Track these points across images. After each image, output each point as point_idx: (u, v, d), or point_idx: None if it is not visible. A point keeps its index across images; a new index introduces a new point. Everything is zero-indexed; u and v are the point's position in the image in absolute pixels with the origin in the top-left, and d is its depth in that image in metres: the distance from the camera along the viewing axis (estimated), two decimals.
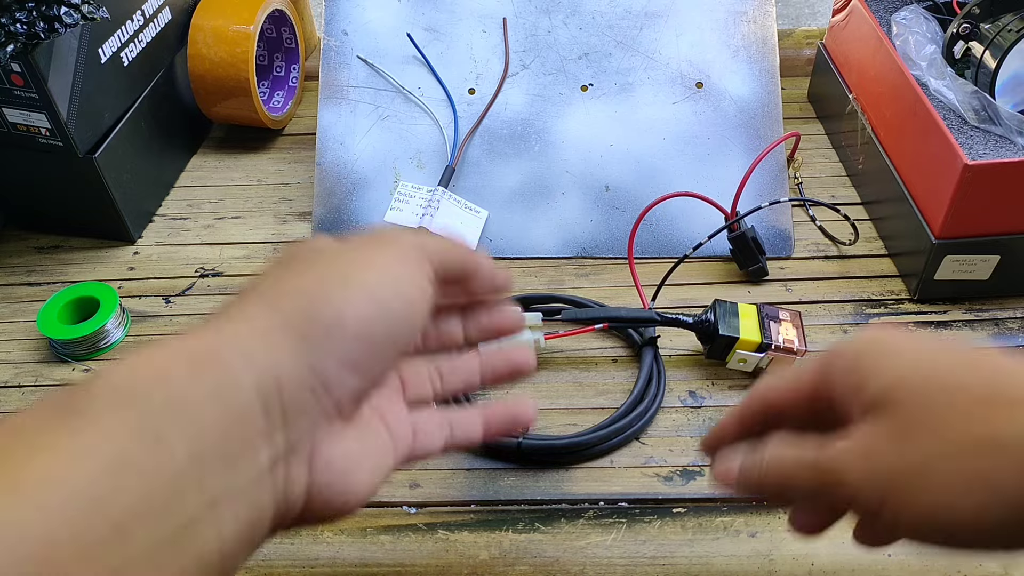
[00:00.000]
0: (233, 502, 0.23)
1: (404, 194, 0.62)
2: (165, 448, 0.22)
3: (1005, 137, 0.52)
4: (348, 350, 0.25)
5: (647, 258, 0.61)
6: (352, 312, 0.26)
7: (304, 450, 0.26)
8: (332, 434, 0.27)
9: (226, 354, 0.24)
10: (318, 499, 0.26)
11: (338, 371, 0.25)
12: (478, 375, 0.35)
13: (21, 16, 0.52)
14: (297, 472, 0.25)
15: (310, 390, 0.25)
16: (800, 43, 0.80)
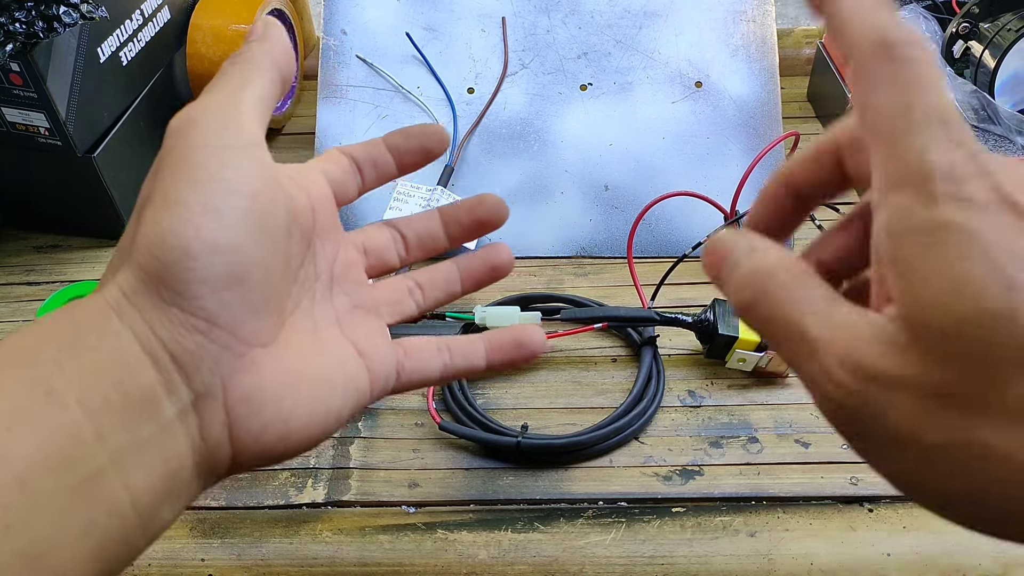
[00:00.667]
0: (140, 454, 0.22)
1: (403, 193, 0.62)
2: (56, 400, 0.22)
3: (1004, 136, 0.52)
4: (209, 274, 0.23)
5: (646, 257, 0.61)
6: (192, 232, 0.23)
7: (216, 392, 0.24)
8: (246, 366, 0.24)
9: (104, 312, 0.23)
10: (245, 437, 0.25)
11: (212, 299, 0.23)
12: (459, 282, 0.33)
13: (20, 15, 0.52)
14: (212, 416, 0.24)
15: (193, 330, 0.23)
16: (799, 42, 0.80)
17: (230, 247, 0.24)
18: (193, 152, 0.25)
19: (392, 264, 0.33)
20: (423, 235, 0.34)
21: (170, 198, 0.24)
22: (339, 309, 0.30)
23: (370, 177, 0.32)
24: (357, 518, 0.45)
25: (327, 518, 0.45)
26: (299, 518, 0.45)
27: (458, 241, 0.34)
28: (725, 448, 0.48)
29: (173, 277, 0.23)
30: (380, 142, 0.32)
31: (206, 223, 0.23)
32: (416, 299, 0.33)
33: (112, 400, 0.22)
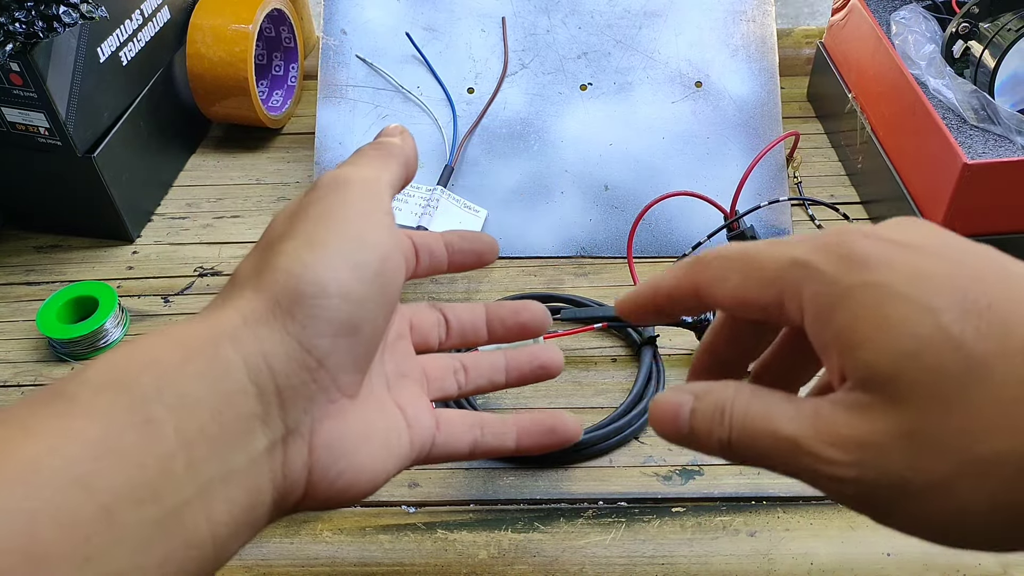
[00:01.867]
0: (226, 486, 0.23)
1: (403, 193, 0.62)
2: (154, 430, 0.22)
3: (1004, 136, 0.52)
4: (335, 316, 0.25)
5: (646, 257, 0.61)
6: (332, 275, 0.25)
7: (304, 431, 0.25)
8: (334, 412, 0.26)
9: (216, 340, 0.24)
10: (322, 481, 0.26)
11: (330, 341, 0.25)
12: (503, 372, 0.34)
13: (20, 15, 0.52)
14: (296, 454, 0.25)
15: (304, 367, 0.25)
16: (799, 42, 0.80)
17: (358, 298, 0.26)
18: (343, 208, 0.27)
19: (431, 346, 0.35)
20: (466, 326, 0.35)
21: (316, 241, 0.26)
22: (389, 374, 0.32)
23: (424, 265, 0.34)
24: (357, 518, 0.45)
25: (327, 518, 0.45)
26: (299, 518, 0.45)
27: (497, 339, 0.35)
28: None
29: (304, 311, 0.24)
30: (439, 236, 0.34)
31: (345, 270, 0.25)
32: (459, 380, 0.34)
33: (209, 431, 0.22)
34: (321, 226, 0.26)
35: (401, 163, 0.31)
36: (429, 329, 0.35)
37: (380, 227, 0.27)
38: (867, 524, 0.43)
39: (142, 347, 0.24)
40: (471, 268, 0.35)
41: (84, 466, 0.20)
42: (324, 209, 0.27)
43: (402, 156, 0.31)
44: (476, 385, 0.34)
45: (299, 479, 0.25)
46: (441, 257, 0.34)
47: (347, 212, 0.27)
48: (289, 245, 0.26)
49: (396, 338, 0.33)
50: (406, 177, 0.31)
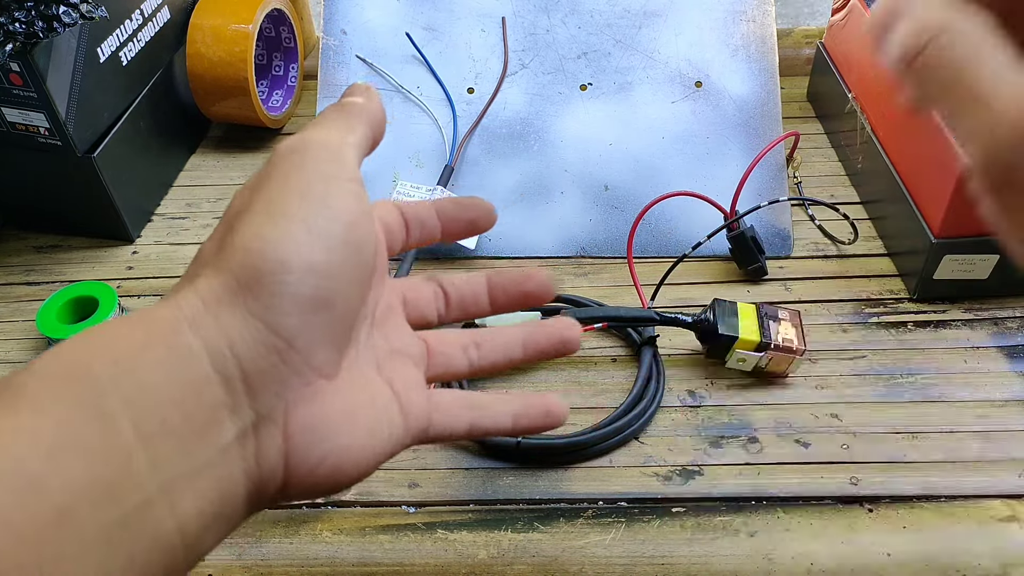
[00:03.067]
0: (193, 481, 0.21)
1: (403, 193, 0.62)
2: (110, 424, 0.20)
3: None
4: (300, 292, 0.23)
5: (646, 257, 0.61)
6: (292, 248, 0.23)
7: (277, 417, 0.23)
8: (311, 395, 0.24)
9: (175, 325, 0.22)
10: (300, 468, 0.24)
11: (296, 318, 0.23)
12: (521, 347, 0.32)
13: (20, 15, 0.52)
14: (269, 441, 0.23)
15: (271, 349, 0.23)
16: (799, 42, 0.80)
17: (325, 270, 0.24)
18: (302, 175, 0.25)
19: (430, 320, 0.33)
20: (467, 297, 0.33)
21: (275, 212, 0.24)
22: (378, 352, 0.30)
23: (415, 236, 0.32)
24: (357, 518, 0.45)
25: (327, 518, 0.45)
26: (299, 518, 0.45)
27: (499, 309, 0.33)
28: (725, 448, 0.48)
29: (266, 289, 0.23)
30: (431, 205, 0.32)
31: (308, 241, 0.23)
32: (471, 356, 0.32)
33: (171, 423, 0.21)
34: (279, 195, 0.24)
35: (365, 122, 0.29)
36: (426, 303, 0.32)
37: (344, 192, 0.25)
38: (867, 524, 0.43)
39: (98, 334, 0.22)
40: (467, 236, 0.32)
41: (34, 466, 0.19)
42: (282, 177, 0.25)
43: (366, 115, 0.29)
44: (491, 361, 0.32)
45: (276, 467, 0.24)
46: (433, 226, 0.32)
47: (307, 177, 0.25)
48: (246, 218, 0.24)
49: (386, 312, 0.31)
50: (373, 138, 0.29)
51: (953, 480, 0.46)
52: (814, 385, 0.51)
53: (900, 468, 0.46)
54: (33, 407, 0.20)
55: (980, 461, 0.47)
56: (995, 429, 0.48)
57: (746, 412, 0.50)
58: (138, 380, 0.21)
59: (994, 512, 0.44)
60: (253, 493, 0.23)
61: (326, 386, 0.25)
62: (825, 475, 0.46)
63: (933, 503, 0.45)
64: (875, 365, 0.52)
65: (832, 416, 0.49)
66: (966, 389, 0.51)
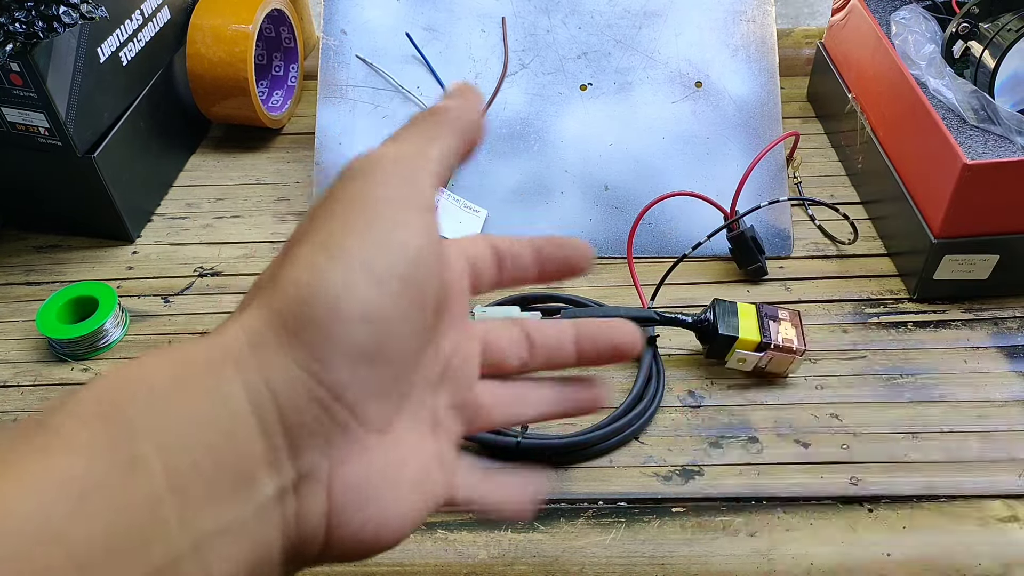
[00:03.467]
0: (226, 539, 0.19)
1: None
2: (141, 472, 0.18)
3: (1004, 136, 0.52)
4: (349, 340, 0.21)
5: (646, 257, 0.61)
6: (342, 290, 0.21)
7: (321, 475, 0.21)
8: (359, 452, 0.22)
9: (215, 365, 0.20)
10: (343, 531, 0.22)
11: (348, 371, 0.21)
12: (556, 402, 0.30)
13: (20, 15, 0.52)
14: (313, 502, 0.21)
15: (315, 400, 0.21)
16: (799, 42, 0.80)
17: (381, 317, 0.21)
18: (370, 201, 0.22)
19: (509, 368, 0.29)
20: (552, 346, 0.29)
21: (333, 244, 0.21)
22: (439, 408, 0.26)
23: (507, 275, 0.29)
24: None
25: None
26: None
27: (588, 362, 0.30)
28: (725, 448, 0.48)
29: (314, 338, 0.20)
30: (527, 241, 0.29)
31: (364, 285, 0.21)
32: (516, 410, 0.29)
33: (204, 471, 0.19)
34: (340, 225, 0.22)
35: (456, 131, 0.25)
36: (507, 347, 0.29)
37: (412, 224, 0.22)
38: (867, 524, 0.43)
39: (134, 371, 0.20)
40: (563, 278, 0.29)
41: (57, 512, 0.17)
42: (349, 201, 0.22)
43: (458, 123, 0.25)
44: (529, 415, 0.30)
45: (317, 530, 0.21)
46: (528, 265, 0.29)
47: (372, 205, 0.22)
48: (304, 249, 0.22)
49: (462, 362, 0.27)
50: (465, 148, 0.26)
51: (953, 480, 0.46)
52: (814, 385, 0.51)
53: (900, 468, 0.46)
54: (66, 448, 0.18)
55: (980, 461, 0.47)
56: (995, 429, 0.48)
57: (746, 412, 0.50)
58: (171, 424, 0.19)
59: (994, 512, 0.44)
60: (291, 556, 0.21)
61: (376, 442, 0.22)
62: (825, 475, 0.46)
63: (933, 503, 0.45)
64: (875, 365, 0.52)
65: (832, 416, 0.49)
66: (966, 389, 0.51)
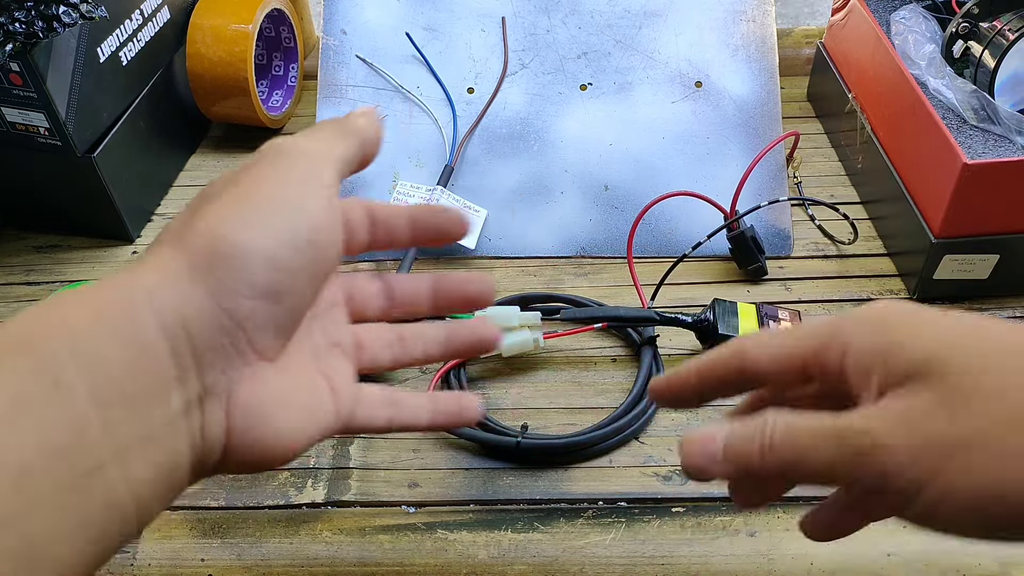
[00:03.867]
0: (143, 447, 0.22)
1: (403, 193, 0.62)
2: (64, 392, 0.21)
3: (1004, 136, 0.52)
4: (256, 280, 0.24)
5: (646, 257, 0.61)
6: (256, 238, 0.24)
7: (221, 392, 0.25)
8: (253, 376, 0.25)
9: (132, 298, 0.23)
10: (239, 444, 0.25)
11: (249, 303, 0.24)
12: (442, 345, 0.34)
13: (20, 15, 0.52)
14: (213, 416, 0.25)
15: (221, 328, 0.24)
16: (799, 42, 0.80)
17: (283, 265, 0.25)
18: (278, 174, 0.26)
19: (371, 316, 0.34)
20: (410, 297, 0.34)
21: (248, 201, 0.25)
22: (317, 343, 0.31)
23: (381, 239, 0.32)
24: (357, 518, 0.45)
25: (327, 518, 0.45)
26: (299, 518, 0.45)
27: (442, 311, 0.34)
28: None
29: (227, 271, 0.24)
30: (404, 210, 0.32)
31: (271, 234, 0.25)
32: (395, 352, 0.33)
33: (124, 390, 0.22)
34: (252, 188, 0.26)
35: (357, 141, 0.30)
36: (368, 298, 0.33)
37: (316, 196, 0.27)
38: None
39: (53, 308, 0.23)
40: (436, 244, 0.33)
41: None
42: (259, 173, 0.26)
43: (360, 134, 0.30)
44: (412, 357, 0.33)
45: (217, 442, 0.25)
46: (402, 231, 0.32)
47: (282, 178, 0.26)
48: (215, 205, 0.25)
49: (329, 307, 0.32)
50: (362, 157, 0.30)
51: None
52: None
53: None
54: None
55: None
56: None
57: None
58: (92, 351, 0.22)
59: None
60: (196, 463, 0.25)
61: (268, 370, 0.26)
62: None
63: None
64: None
65: None
66: None
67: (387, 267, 0.62)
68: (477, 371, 0.53)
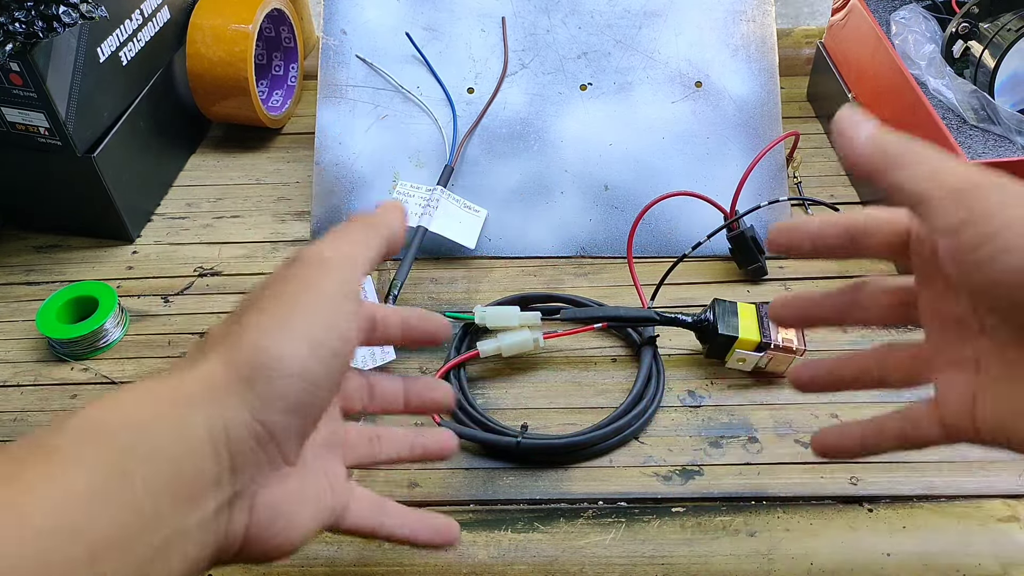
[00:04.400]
0: (183, 540, 0.25)
1: (403, 193, 0.62)
2: (128, 482, 0.23)
3: (1004, 136, 0.52)
4: (288, 393, 0.27)
5: (646, 257, 0.61)
6: (290, 355, 0.27)
7: (248, 495, 0.27)
8: (276, 479, 0.28)
9: (183, 402, 0.26)
10: (256, 541, 0.28)
11: (281, 415, 0.27)
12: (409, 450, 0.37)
13: (20, 15, 0.52)
14: (239, 515, 0.27)
15: (255, 437, 0.27)
16: (799, 42, 0.80)
17: (314, 378, 0.28)
18: (314, 289, 0.29)
19: (354, 410, 0.36)
20: (388, 396, 0.37)
21: (285, 318, 0.28)
22: (319, 442, 0.33)
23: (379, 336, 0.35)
24: None
25: None
26: None
27: (413, 410, 0.37)
28: (725, 448, 0.48)
29: (263, 388, 0.27)
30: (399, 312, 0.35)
31: (308, 355, 0.27)
32: (374, 449, 0.36)
33: (172, 484, 0.24)
34: (295, 303, 0.28)
35: (384, 239, 0.32)
36: (354, 392, 0.36)
37: (346, 312, 0.29)
38: (867, 524, 0.43)
39: (117, 402, 0.25)
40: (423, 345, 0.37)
41: (72, 513, 0.22)
42: (302, 285, 0.29)
43: (387, 232, 0.33)
44: (387, 455, 0.36)
45: (238, 537, 0.27)
46: (395, 333, 0.35)
47: (317, 293, 0.29)
48: (258, 318, 0.28)
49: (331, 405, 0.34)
50: (387, 253, 0.33)
51: (953, 480, 0.46)
52: None
53: (900, 468, 0.46)
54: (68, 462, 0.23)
55: (980, 461, 0.47)
56: None
57: (746, 412, 0.50)
58: (152, 445, 0.24)
59: (994, 512, 0.44)
60: (215, 556, 0.27)
61: (288, 472, 0.29)
62: (825, 475, 0.46)
63: (933, 503, 0.45)
64: None
65: (832, 416, 0.49)
66: None
67: (386, 267, 0.62)
68: (477, 371, 0.53)
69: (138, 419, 0.25)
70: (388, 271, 0.61)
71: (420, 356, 0.55)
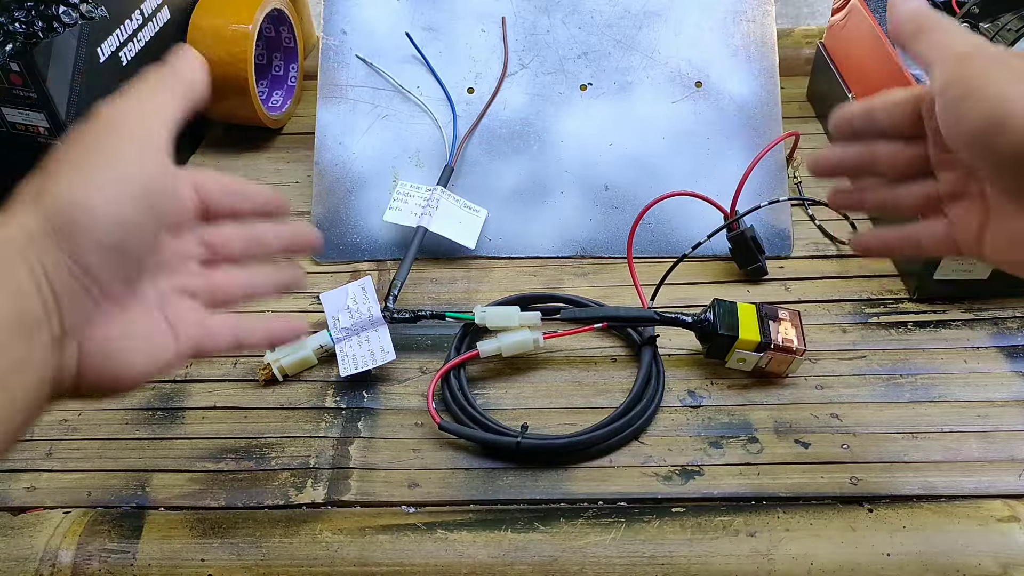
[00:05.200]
0: (19, 373, 0.27)
1: (403, 193, 0.62)
2: None
3: None
4: (101, 236, 0.29)
5: (646, 257, 0.61)
6: (96, 198, 0.29)
7: (77, 331, 0.30)
8: (104, 317, 0.31)
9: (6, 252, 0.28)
10: (89, 375, 0.30)
11: (97, 255, 0.29)
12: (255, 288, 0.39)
13: (20, 15, 0.52)
14: (70, 350, 0.30)
15: (74, 277, 0.29)
16: (799, 42, 0.80)
17: (123, 222, 0.30)
18: (116, 139, 0.31)
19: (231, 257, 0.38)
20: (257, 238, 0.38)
21: (87, 168, 0.30)
22: (163, 291, 0.35)
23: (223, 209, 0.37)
24: (357, 518, 0.45)
25: (327, 518, 0.45)
26: (299, 518, 0.45)
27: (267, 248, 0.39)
28: (725, 448, 0.48)
29: (74, 233, 0.29)
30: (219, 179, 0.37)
31: (117, 198, 0.30)
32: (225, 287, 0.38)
33: (10, 320, 0.27)
34: (94, 154, 0.30)
35: (183, 93, 0.34)
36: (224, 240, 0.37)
37: (152, 159, 0.31)
38: (867, 524, 0.43)
39: None
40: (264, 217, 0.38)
41: None
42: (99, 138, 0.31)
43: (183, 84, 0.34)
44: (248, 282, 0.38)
45: (71, 372, 0.30)
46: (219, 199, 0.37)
47: (118, 144, 0.31)
48: (63, 170, 0.30)
49: (182, 259, 0.36)
50: (188, 106, 0.34)
51: (953, 480, 0.46)
52: (814, 385, 0.51)
53: (900, 468, 0.46)
54: None
55: (980, 461, 0.47)
56: (995, 429, 0.48)
57: (746, 412, 0.50)
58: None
59: (994, 512, 0.44)
60: (53, 391, 0.30)
61: (116, 313, 0.31)
62: (825, 475, 0.46)
63: (933, 503, 0.45)
64: (875, 365, 0.52)
65: (832, 416, 0.49)
66: (966, 389, 0.51)
67: (386, 267, 0.62)
68: (477, 371, 0.53)
69: None
70: (388, 271, 0.61)
71: (420, 356, 0.55)
